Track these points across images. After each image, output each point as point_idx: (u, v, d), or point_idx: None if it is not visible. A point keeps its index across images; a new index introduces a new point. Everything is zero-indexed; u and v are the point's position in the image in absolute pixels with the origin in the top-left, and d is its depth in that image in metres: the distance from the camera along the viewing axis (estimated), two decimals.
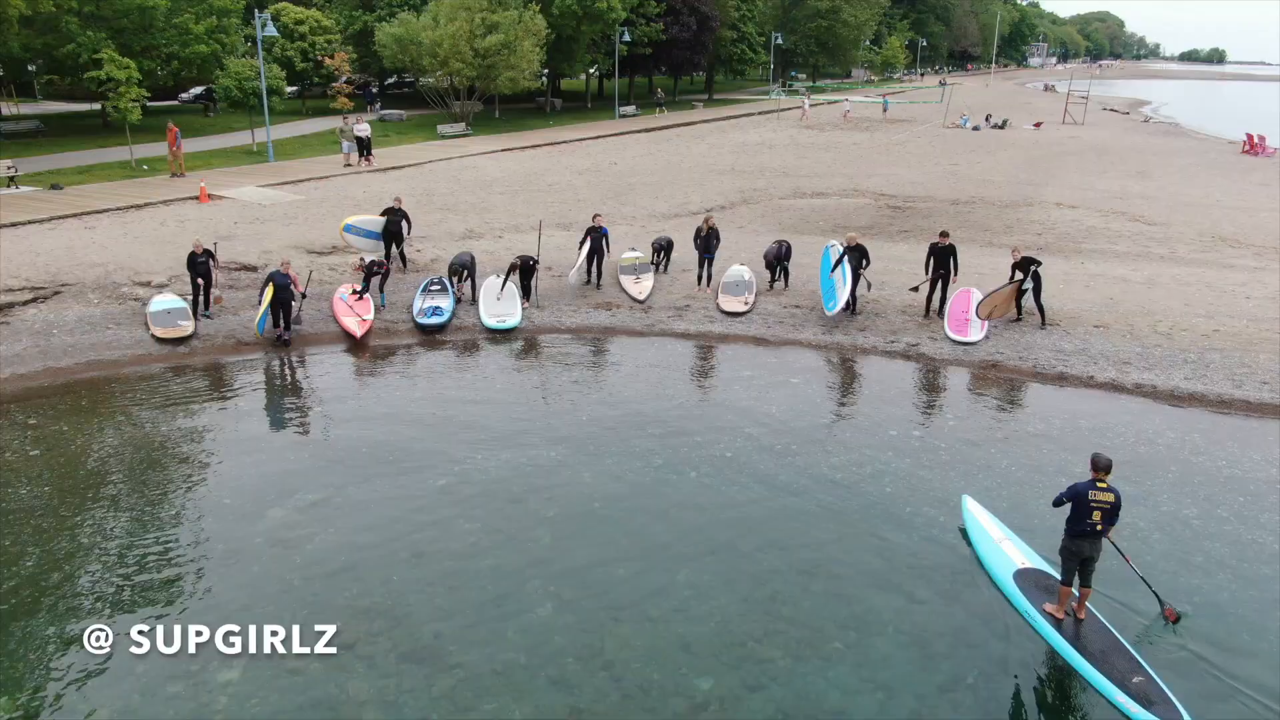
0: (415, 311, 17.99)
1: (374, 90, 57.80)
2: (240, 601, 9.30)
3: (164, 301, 17.20)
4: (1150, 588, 9.25)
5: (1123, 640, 8.65)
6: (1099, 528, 8.57)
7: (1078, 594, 8.91)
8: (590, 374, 16.19)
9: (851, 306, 17.92)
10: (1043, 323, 17.10)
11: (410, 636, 8.85)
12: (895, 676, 8.43)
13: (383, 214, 20.47)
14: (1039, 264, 16.98)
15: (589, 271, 19.44)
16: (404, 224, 20.46)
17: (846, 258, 17.67)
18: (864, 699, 8.17)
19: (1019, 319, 17.41)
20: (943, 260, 17.28)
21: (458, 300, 18.44)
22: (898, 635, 8.96)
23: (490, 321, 17.85)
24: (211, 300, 17.52)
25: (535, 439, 13.27)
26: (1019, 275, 16.93)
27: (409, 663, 8.51)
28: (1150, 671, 8.22)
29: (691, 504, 11.40)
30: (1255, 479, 11.89)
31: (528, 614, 9.20)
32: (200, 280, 17.09)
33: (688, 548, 10.41)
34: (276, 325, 16.66)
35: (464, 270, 18.78)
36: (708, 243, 19.29)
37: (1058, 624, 8.90)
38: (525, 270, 18.53)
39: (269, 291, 16.34)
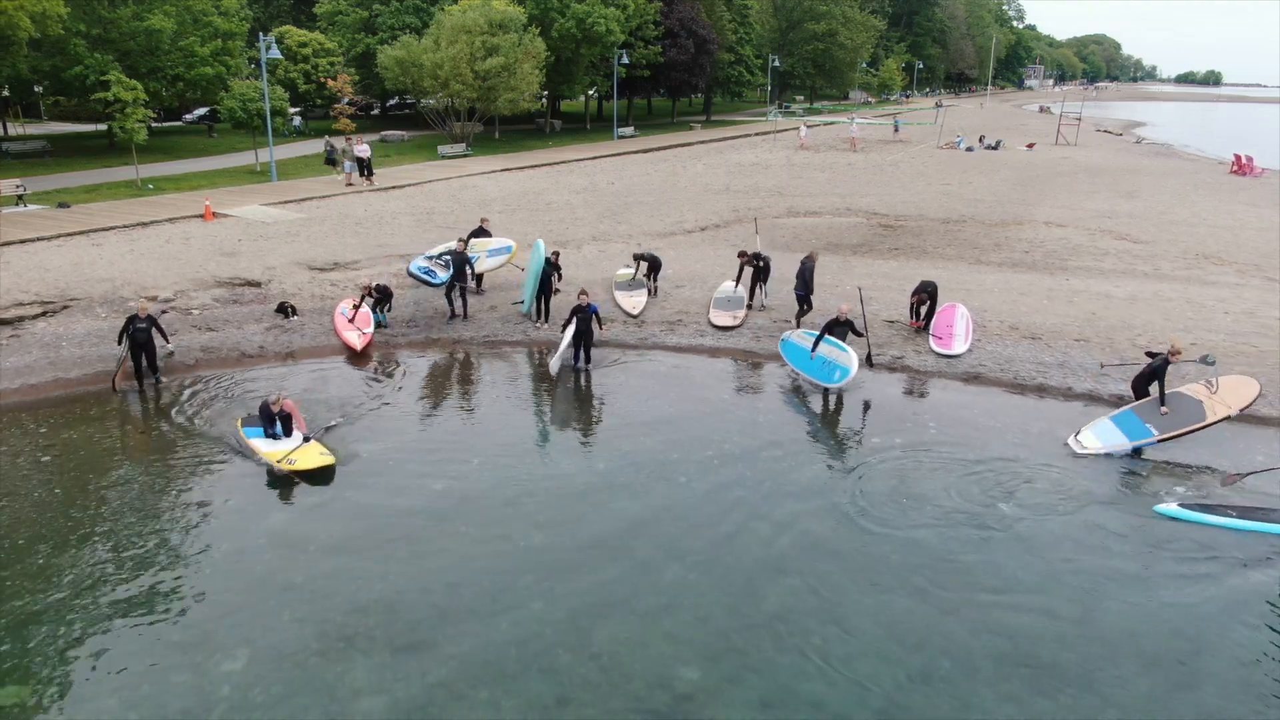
0: (414, 266, 19.13)
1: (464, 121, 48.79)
2: (244, 597, 9.72)
3: None
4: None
5: None
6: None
7: None
8: (584, 385, 16.61)
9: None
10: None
11: (406, 630, 9.25)
12: (870, 669, 8.81)
13: (471, 235, 21.26)
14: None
15: (576, 356, 17.04)
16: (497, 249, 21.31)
17: (832, 333, 15.93)
18: (840, 690, 8.55)
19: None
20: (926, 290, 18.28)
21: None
22: (874, 630, 9.36)
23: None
24: (158, 365, 15.96)
25: (529, 446, 13.76)
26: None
27: (405, 654, 8.91)
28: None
29: (680, 508, 11.82)
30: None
31: (520, 609, 9.61)
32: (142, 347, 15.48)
33: (675, 549, 10.82)
34: None
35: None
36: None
37: None
38: (545, 285, 18.98)
39: None
